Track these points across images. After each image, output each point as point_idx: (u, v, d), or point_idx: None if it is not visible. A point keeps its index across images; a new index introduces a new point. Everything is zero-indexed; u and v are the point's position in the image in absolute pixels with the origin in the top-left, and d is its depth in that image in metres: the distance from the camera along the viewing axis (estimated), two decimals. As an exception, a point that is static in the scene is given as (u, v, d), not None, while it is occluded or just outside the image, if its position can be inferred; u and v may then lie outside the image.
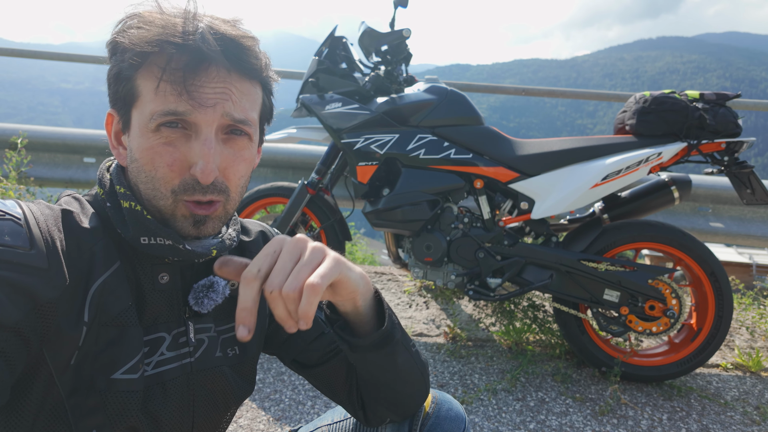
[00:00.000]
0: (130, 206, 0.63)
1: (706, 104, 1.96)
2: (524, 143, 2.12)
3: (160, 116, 0.60)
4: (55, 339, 0.57)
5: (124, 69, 0.61)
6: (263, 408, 1.82)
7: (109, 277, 0.62)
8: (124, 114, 0.64)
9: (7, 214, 0.56)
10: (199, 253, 0.66)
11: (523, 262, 2.07)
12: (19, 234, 0.55)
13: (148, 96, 0.61)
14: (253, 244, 0.82)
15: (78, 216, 0.63)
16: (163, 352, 0.67)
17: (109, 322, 0.61)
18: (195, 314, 0.71)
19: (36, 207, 0.60)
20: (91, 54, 4.03)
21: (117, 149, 0.69)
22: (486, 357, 2.28)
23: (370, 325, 0.69)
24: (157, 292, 0.67)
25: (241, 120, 0.63)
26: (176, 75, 0.59)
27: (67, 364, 0.58)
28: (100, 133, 3.43)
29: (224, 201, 0.65)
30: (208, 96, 0.60)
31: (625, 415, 1.87)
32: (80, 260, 0.60)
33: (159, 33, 0.58)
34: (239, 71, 0.63)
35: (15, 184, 2.78)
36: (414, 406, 0.80)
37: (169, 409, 0.67)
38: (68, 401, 0.59)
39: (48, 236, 0.58)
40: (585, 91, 3.84)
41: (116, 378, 0.61)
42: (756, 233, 3.08)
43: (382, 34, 2.18)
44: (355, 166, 2.12)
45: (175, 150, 0.61)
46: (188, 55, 0.59)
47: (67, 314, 0.57)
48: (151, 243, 0.63)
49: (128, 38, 0.59)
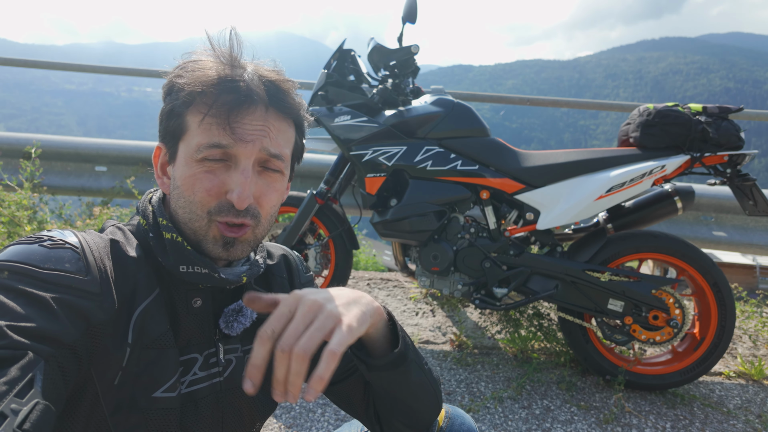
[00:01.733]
0: (171, 237, 0.69)
1: (709, 117, 2.00)
2: (530, 155, 2.16)
3: (206, 148, 0.66)
4: (102, 359, 0.62)
5: (176, 106, 0.69)
6: (275, 416, 1.86)
7: (150, 303, 0.67)
8: (172, 146, 0.71)
9: (67, 243, 0.63)
10: (231, 280, 0.72)
11: (529, 271, 2.11)
12: (77, 261, 0.61)
13: (195, 130, 0.68)
14: (277, 267, 0.88)
15: (124, 246, 0.68)
16: (196, 372, 0.72)
17: (150, 344, 0.66)
18: (224, 336, 0.76)
19: (89, 237, 0.66)
20: (94, 56, 4.07)
21: (161, 179, 0.75)
22: (492, 365, 2.32)
23: (385, 347, 0.73)
24: (191, 316, 0.72)
25: (276, 154, 0.70)
26: (222, 111, 0.66)
27: (111, 384, 0.63)
28: (112, 143, 3.49)
29: (254, 226, 0.71)
30: (248, 132, 0.67)
31: (629, 424, 1.91)
32: (126, 287, 0.65)
33: (210, 75, 0.66)
34: (277, 110, 0.70)
35: (29, 193, 2.84)
36: (428, 420, 0.84)
37: (201, 426, 0.72)
38: (111, 419, 0.63)
39: (101, 264, 0.64)
40: (589, 101, 3.87)
41: (157, 396, 0.66)
42: (759, 242, 3.11)
43: (391, 51, 2.22)
44: (364, 177, 2.16)
45: (214, 177, 0.67)
46: (233, 94, 0.66)
47: (113, 336, 0.63)
48: (189, 271, 0.69)
49: (184, 80, 0.67)
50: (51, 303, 0.56)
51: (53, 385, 0.54)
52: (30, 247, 0.60)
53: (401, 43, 2.23)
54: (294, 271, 0.91)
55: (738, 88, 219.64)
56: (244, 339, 0.79)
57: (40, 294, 0.56)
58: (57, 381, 0.54)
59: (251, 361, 0.56)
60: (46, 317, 0.55)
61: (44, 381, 0.52)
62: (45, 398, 0.51)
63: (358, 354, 0.73)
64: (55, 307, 0.56)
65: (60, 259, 0.60)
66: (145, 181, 3.39)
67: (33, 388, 0.50)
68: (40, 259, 0.59)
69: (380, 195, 2.19)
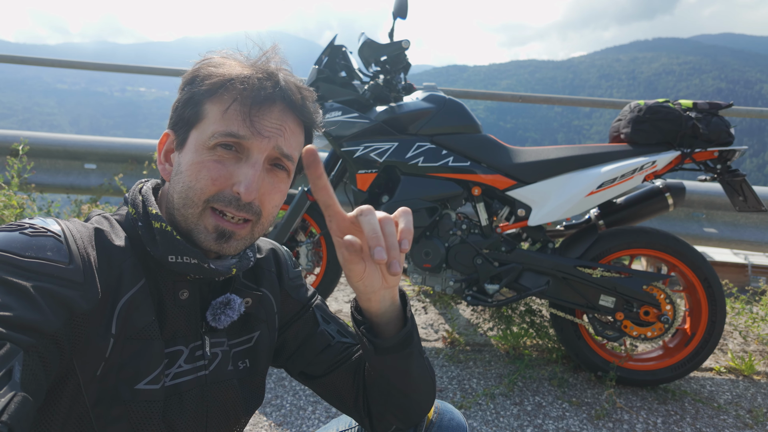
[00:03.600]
0: (161, 227, 0.68)
1: (700, 113, 2.00)
2: (521, 151, 2.15)
3: (222, 136, 0.67)
4: (84, 349, 0.60)
5: (197, 94, 0.69)
6: (265, 414, 1.85)
7: (136, 293, 0.66)
8: (183, 133, 0.71)
9: (49, 231, 0.61)
10: (221, 271, 0.71)
11: (521, 268, 2.10)
12: (59, 250, 0.60)
13: (213, 118, 0.68)
14: (265, 261, 0.87)
15: (109, 234, 0.67)
16: (181, 364, 0.71)
17: (134, 335, 0.65)
18: (211, 329, 0.75)
19: (72, 225, 0.65)
20: (86, 55, 4.04)
21: (164, 165, 0.75)
22: (484, 361, 2.32)
23: (393, 329, 0.75)
24: (177, 308, 0.71)
25: (287, 155, 0.71)
26: (245, 104, 0.67)
27: (94, 375, 0.62)
28: (101, 140, 3.45)
29: (254, 222, 0.71)
30: (266, 128, 0.68)
31: (621, 419, 1.91)
32: (110, 276, 0.64)
33: (243, 71, 0.69)
34: (296, 114, 0.72)
35: (17, 191, 2.80)
36: (421, 413, 0.83)
37: (185, 419, 0.71)
38: (93, 410, 0.62)
39: (84, 253, 0.62)
40: (581, 98, 3.88)
41: (140, 388, 0.65)
42: (749, 239, 3.12)
43: (381, 46, 2.21)
44: (355, 173, 2.15)
45: (222, 167, 0.67)
46: (261, 91, 0.68)
47: (96, 326, 0.61)
48: (178, 261, 0.68)
49: (213, 69, 0.69)
50: (31, 291, 0.55)
51: (33, 376, 0.52)
52: (11, 234, 0.59)
53: (392, 39, 2.22)
54: (283, 265, 0.90)
55: (730, 88, 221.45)
56: (231, 333, 0.78)
57: (21, 282, 0.54)
58: (37, 372, 0.53)
59: (378, 237, 0.62)
60: (26, 306, 0.54)
61: (23, 372, 0.51)
62: (24, 389, 0.50)
63: (367, 335, 0.74)
64: (35, 295, 0.55)
65: (42, 247, 0.59)
66: (134, 179, 3.36)
67: (11, 379, 0.49)
68: (20, 246, 0.57)
69: (372, 192, 2.18)
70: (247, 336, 0.81)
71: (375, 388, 0.81)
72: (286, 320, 0.89)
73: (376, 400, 0.82)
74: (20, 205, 2.65)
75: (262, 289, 0.82)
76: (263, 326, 0.83)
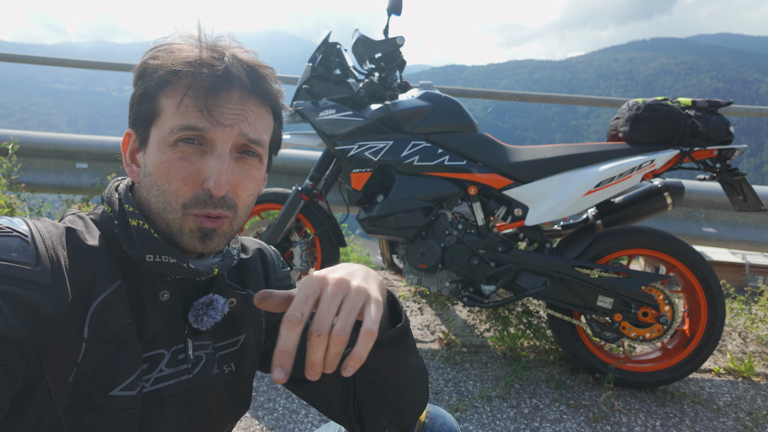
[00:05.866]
0: (138, 224, 0.65)
1: (699, 111, 1.97)
2: (518, 150, 2.12)
3: (180, 130, 0.63)
4: (54, 355, 0.57)
5: (149, 89, 0.65)
6: (257, 417, 1.81)
7: (110, 295, 0.62)
8: (143, 132, 0.67)
9: (15, 231, 0.58)
10: (202, 271, 0.68)
11: (517, 268, 2.07)
12: (25, 251, 0.56)
13: (169, 113, 0.64)
14: (251, 262, 0.84)
15: (82, 234, 0.64)
16: (162, 368, 0.68)
17: (109, 339, 0.62)
18: (194, 331, 0.71)
19: (42, 224, 0.62)
20: (84, 55, 4.00)
21: (131, 167, 0.71)
22: (480, 363, 2.28)
23: (385, 324, 0.71)
24: (157, 309, 0.68)
25: (254, 140, 0.67)
26: (199, 94, 0.63)
27: (66, 381, 0.58)
28: (92, 139, 3.41)
29: (231, 217, 0.67)
30: (226, 116, 0.64)
31: (619, 422, 1.88)
32: (82, 277, 0.61)
33: (187, 57, 0.64)
34: (257, 96, 0.67)
35: (5, 190, 2.76)
36: (416, 412, 0.81)
37: (166, 426, 0.67)
38: (65, 418, 0.59)
39: (53, 253, 0.59)
40: (578, 96, 3.86)
41: (114, 395, 0.61)
42: (748, 238, 3.10)
43: (375, 42, 2.17)
44: (350, 173, 2.12)
45: (189, 164, 0.64)
46: (212, 77, 0.63)
47: (67, 330, 0.58)
48: (156, 261, 0.64)
49: (159, 61, 0.64)
50: None
51: None
52: None
53: (387, 36, 2.19)
54: (270, 265, 0.87)
55: (727, 88, 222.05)
56: (216, 335, 0.75)
57: None
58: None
59: (281, 347, 0.51)
60: None
61: None
62: None
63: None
64: None
65: (6, 248, 0.55)
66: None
67: None
68: None
69: (366, 191, 2.15)
70: (232, 339, 0.78)
71: (368, 388, 0.78)
72: (274, 322, 0.86)
73: (369, 402, 0.79)
74: (8, 205, 2.60)
75: (247, 290, 0.79)
76: (249, 329, 0.80)
